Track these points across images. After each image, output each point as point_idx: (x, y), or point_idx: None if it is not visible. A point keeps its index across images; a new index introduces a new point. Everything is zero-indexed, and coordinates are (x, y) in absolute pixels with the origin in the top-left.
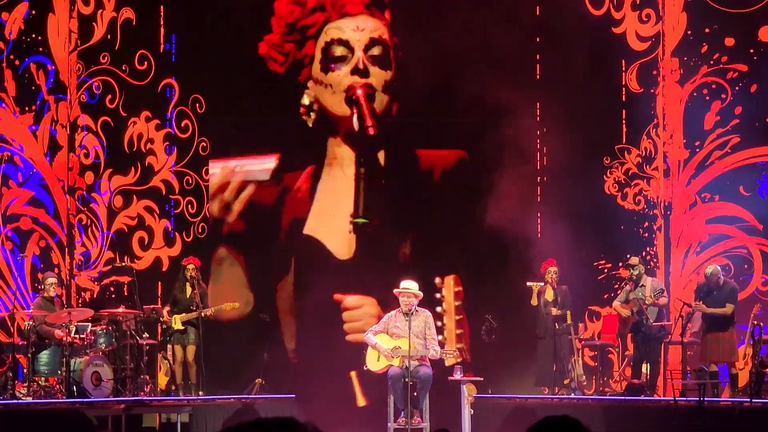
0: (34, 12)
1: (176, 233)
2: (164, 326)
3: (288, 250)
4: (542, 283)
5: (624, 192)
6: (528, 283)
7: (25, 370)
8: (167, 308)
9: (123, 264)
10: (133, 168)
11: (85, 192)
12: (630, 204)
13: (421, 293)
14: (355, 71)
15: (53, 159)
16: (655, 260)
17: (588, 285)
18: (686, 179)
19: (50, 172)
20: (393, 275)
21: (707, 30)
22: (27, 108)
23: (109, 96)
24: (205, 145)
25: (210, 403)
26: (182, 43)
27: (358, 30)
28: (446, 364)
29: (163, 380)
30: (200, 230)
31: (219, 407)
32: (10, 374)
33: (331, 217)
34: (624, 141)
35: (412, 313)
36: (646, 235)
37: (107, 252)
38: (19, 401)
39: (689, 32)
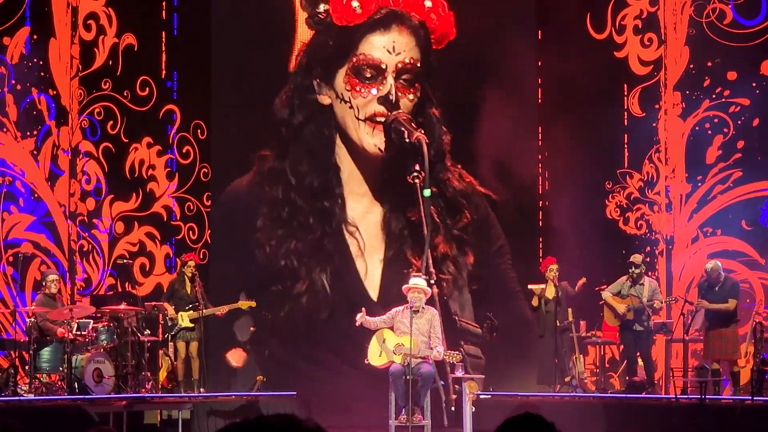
0: (35, 37)
1: (177, 259)
2: (170, 323)
3: None
4: (543, 286)
5: (626, 216)
6: (530, 286)
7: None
8: (169, 305)
9: (124, 261)
10: (134, 194)
11: (86, 218)
12: (632, 228)
13: (429, 290)
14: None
15: (54, 184)
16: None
17: (589, 309)
18: (688, 213)
19: (51, 197)
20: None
21: (709, 64)
22: (28, 133)
23: (111, 122)
24: (206, 171)
25: (211, 400)
26: (184, 70)
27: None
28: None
29: (163, 376)
30: (202, 256)
31: (220, 404)
32: (12, 371)
33: None
34: (626, 165)
35: (418, 311)
36: (648, 259)
37: (108, 278)
38: (21, 398)
39: (691, 66)
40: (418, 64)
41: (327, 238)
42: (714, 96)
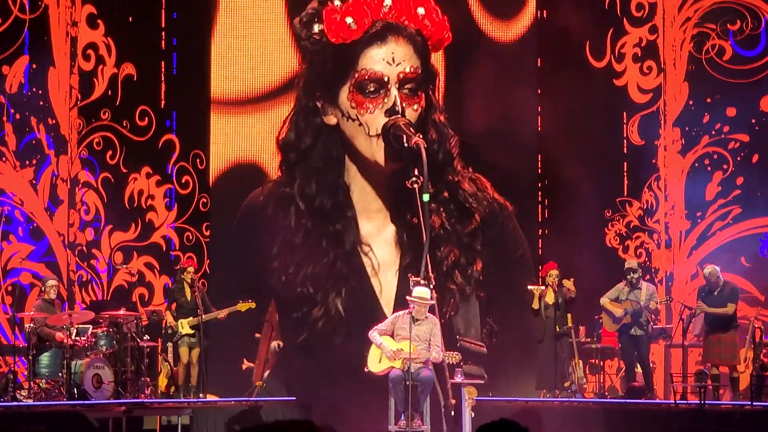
0: (35, 66)
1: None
2: (169, 330)
3: None
4: (543, 287)
5: (625, 245)
6: (529, 287)
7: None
8: (169, 312)
9: (124, 266)
10: (133, 224)
11: (84, 248)
12: (631, 257)
13: (433, 301)
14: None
15: (54, 214)
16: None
17: (588, 314)
18: (687, 250)
19: (51, 226)
20: None
21: (709, 100)
22: (27, 162)
23: (110, 152)
24: (206, 201)
25: (211, 406)
26: (182, 99)
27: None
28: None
29: (163, 382)
30: (201, 285)
31: (220, 410)
32: (11, 376)
33: None
34: (625, 194)
35: (420, 319)
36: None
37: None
38: (20, 403)
39: (690, 102)
40: (419, 72)
41: (340, 260)
42: (713, 132)
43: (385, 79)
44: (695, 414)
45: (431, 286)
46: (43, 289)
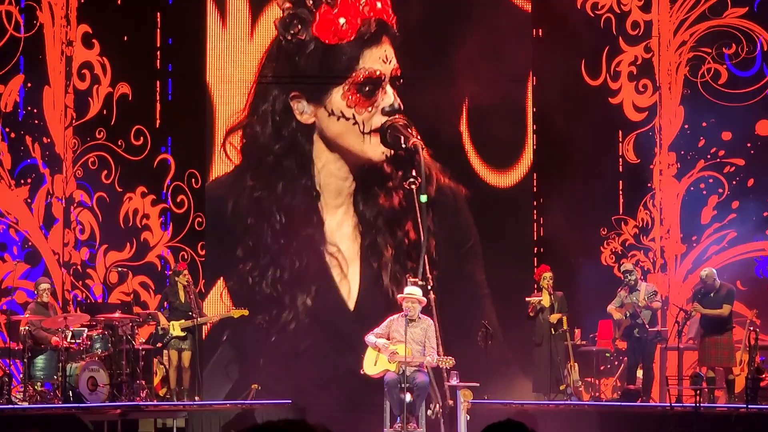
0: (30, 84)
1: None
2: (161, 332)
3: None
4: (540, 297)
5: (621, 263)
6: (527, 299)
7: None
8: (162, 315)
9: (119, 269)
10: (128, 243)
11: (79, 267)
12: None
13: (424, 299)
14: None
15: (49, 233)
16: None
17: (587, 359)
18: (683, 274)
19: (46, 245)
20: None
21: (704, 124)
22: (22, 181)
23: (105, 171)
24: (200, 220)
25: (206, 408)
26: (178, 119)
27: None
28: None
29: (159, 385)
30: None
31: (215, 412)
32: (6, 379)
33: None
34: (621, 212)
35: (414, 320)
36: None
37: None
38: (15, 406)
39: (686, 126)
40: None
41: (310, 262)
42: (709, 156)
43: (382, 77)
44: (691, 417)
45: (429, 287)
46: (36, 292)
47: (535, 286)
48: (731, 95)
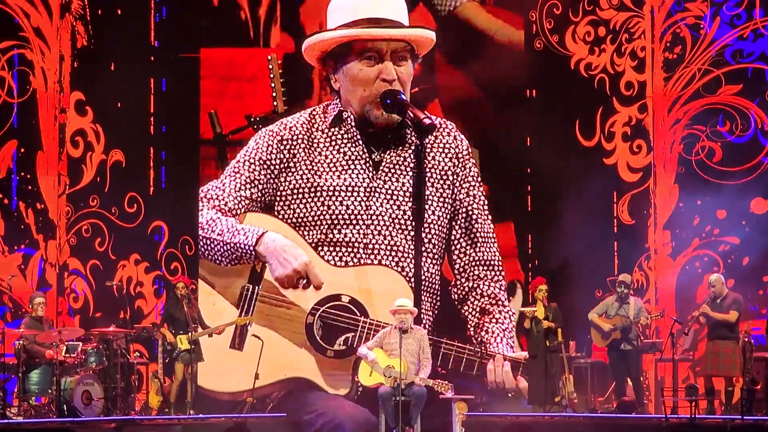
0: (23, 150)
1: (167, 377)
2: (168, 347)
3: None
4: (535, 309)
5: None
6: (521, 309)
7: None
8: (167, 330)
9: (113, 284)
10: (122, 311)
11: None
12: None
13: (416, 309)
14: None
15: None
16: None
17: (581, 374)
18: (679, 352)
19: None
20: None
21: (699, 202)
22: (16, 247)
23: (98, 239)
24: (195, 287)
25: (201, 422)
26: (171, 183)
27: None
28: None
29: (153, 399)
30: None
31: (210, 426)
32: (1, 393)
33: None
34: (615, 273)
35: (407, 331)
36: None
37: None
38: (10, 421)
39: (681, 204)
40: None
41: None
42: (704, 234)
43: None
44: (686, 428)
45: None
46: (30, 306)
47: (530, 299)
48: (726, 173)
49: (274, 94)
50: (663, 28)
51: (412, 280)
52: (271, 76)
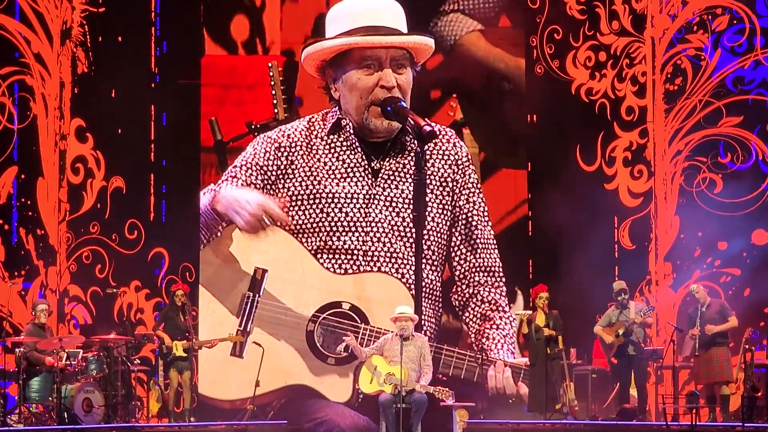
0: (23, 176)
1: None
2: (165, 350)
3: None
4: (530, 312)
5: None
6: (516, 313)
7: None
8: (164, 333)
9: (112, 290)
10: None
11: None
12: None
13: (416, 317)
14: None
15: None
16: None
17: (583, 381)
18: (680, 385)
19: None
20: None
21: (700, 234)
22: (16, 273)
23: (99, 266)
24: (195, 314)
25: (201, 430)
26: (173, 211)
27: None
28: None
29: (154, 406)
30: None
31: None
32: (1, 401)
33: None
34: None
35: (408, 338)
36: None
37: None
38: (10, 428)
39: (682, 236)
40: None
41: None
42: (705, 266)
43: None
44: None
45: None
46: (33, 313)
47: (531, 306)
48: (727, 204)
49: (275, 102)
50: (664, 60)
51: (412, 287)
52: (272, 83)
